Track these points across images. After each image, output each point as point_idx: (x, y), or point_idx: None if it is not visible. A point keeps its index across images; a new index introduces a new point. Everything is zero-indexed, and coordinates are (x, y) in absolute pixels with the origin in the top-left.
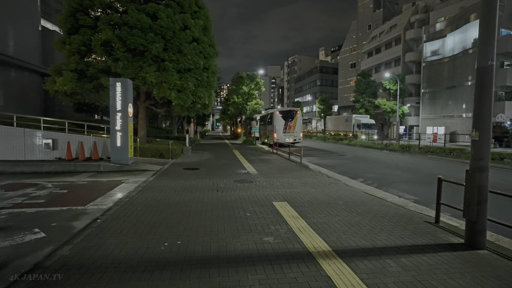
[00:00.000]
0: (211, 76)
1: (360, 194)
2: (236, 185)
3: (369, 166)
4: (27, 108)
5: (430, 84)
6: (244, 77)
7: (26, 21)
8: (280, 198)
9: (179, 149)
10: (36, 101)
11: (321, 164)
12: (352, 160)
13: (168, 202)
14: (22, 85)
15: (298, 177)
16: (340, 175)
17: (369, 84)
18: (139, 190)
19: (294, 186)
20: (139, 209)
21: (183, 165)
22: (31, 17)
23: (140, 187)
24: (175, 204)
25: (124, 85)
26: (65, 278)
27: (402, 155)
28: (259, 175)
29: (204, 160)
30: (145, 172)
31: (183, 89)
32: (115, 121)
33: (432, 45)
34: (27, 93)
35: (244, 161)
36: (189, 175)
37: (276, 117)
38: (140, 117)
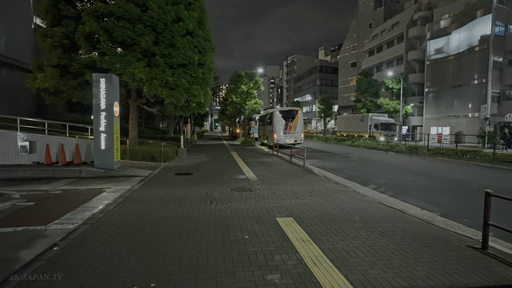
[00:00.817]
0: (207, 73)
1: (377, 206)
2: (233, 195)
3: (378, 169)
4: (19, 108)
5: (434, 83)
6: (243, 75)
7: (18, 18)
8: (285, 212)
9: (173, 151)
10: (29, 101)
11: (326, 167)
12: (358, 163)
13: (150, 219)
14: (14, 84)
15: (303, 183)
16: (348, 181)
17: (370, 83)
18: (119, 201)
19: (300, 196)
20: (112, 230)
21: (175, 169)
22: (23, 14)
23: (122, 197)
24: (158, 221)
25: (109, 81)
26: None
27: (410, 157)
28: (259, 182)
29: (200, 163)
30: (131, 178)
31: (176, 86)
32: (99, 121)
33: (436, 43)
34: (19, 92)
35: (243, 164)
36: (181, 182)
37: (276, 117)
38: (131, 117)
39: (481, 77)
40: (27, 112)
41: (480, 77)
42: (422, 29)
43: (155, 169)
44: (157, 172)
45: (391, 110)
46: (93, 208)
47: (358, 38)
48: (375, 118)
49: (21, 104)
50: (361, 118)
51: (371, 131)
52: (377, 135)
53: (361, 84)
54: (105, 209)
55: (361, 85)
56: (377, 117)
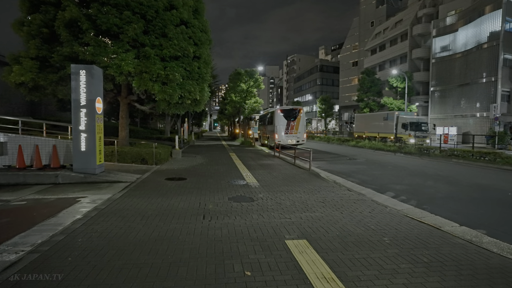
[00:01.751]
0: (204, 67)
1: (406, 221)
2: (231, 206)
3: (391, 173)
4: (11, 107)
5: (440, 82)
6: (242, 73)
7: (7, 13)
8: (296, 231)
9: (166, 152)
10: (20, 100)
11: (333, 170)
12: (366, 165)
13: (123, 244)
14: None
15: (312, 191)
16: (361, 187)
17: (373, 82)
18: (91, 216)
19: (311, 207)
20: (67, 264)
21: (167, 173)
22: (13, 9)
23: (97, 210)
24: (133, 246)
25: (90, 73)
26: None
27: (421, 159)
28: (262, 188)
29: (195, 166)
30: (115, 184)
31: (168, 81)
32: (79, 120)
33: (442, 40)
34: (9, 90)
35: (242, 167)
36: (171, 189)
37: (278, 116)
38: (121, 115)
39: (490, 75)
40: (18, 111)
41: (489, 75)
42: (427, 26)
43: (144, 173)
44: (146, 177)
45: (395, 109)
46: (56, 227)
47: (359, 36)
48: (403, 116)
49: (12, 103)
50: (385, 117)
51: (397, 132)
52: (406, 136)
53: (363, 83)
54: (69, 227)
55: (364, 84)
56: (405, 115)
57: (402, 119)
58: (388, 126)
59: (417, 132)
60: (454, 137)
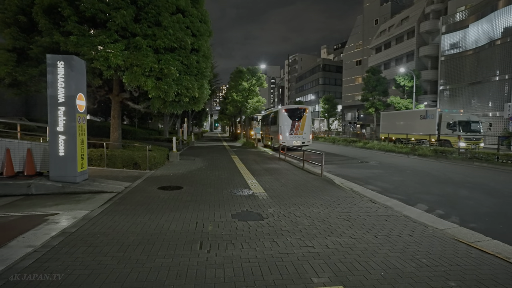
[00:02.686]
0: (203, 61)
1: (463, 250)
2: (236, 228)
3: (413, 179)
4: (6, 106)
5: (449, 80)
6: (244, 71)
7: None
8: (325, 270)
9: (162, 155)
10: (16, 100)
11: (347, 176)
12: (382, 169)
13: None
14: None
15: (330, 203)
16: (385, 197)
17: (379, 81)
18: (51, 247)
19: (335, 228)
20: None
21: (161, 180)
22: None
23: (63, 235)
24: None
25: (69, 65)
26: None
27: (439, 162)
28: (271, 200)
29: (194, 171)
30: (97, 196)
31: (163, 76)
32: (56, 119)
33: (451, 37)
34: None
35: (246, 172)
36: (163, 203)
37: (282, 116)
38: (113, 115)
39: (503, 72)
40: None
41: (503, 73)
42: (435, 23)
43: (135, 180)
44: (136, 185)
45: (403, 109)
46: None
47: (363, 35)
48: (449, 114)
49: (7, 102)
50: (423, 115)
51: (440, 133)
52: (453, 138)
53: (369, 82)
54: (14, 266)
55: (369, 83)
56: (450, 113)
57: (447, 117)
58: (428, 126)
59: (469, 133)
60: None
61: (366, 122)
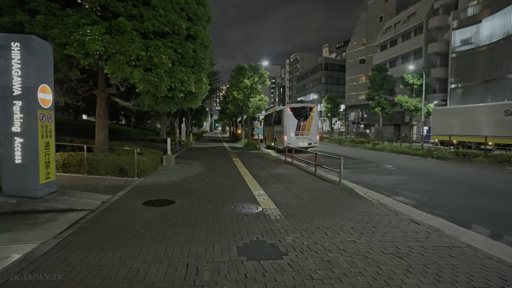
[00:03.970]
0: (200, 51)
1: None
2: (245, 275)
3: (447, 189)
4: None
5: (460, 78)
6: (246, 68)
7: None
8: None
9: (155, 160)
10: None
11: (366, 183)
12: (404, 175)
13: None
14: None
15: (364, 226)
16: (427, 214)
17: (386, 79)
18: None
19: (390, 275)
20: None
21: (150, 191)
22: None
23: None
24: None
25: (27, 47)
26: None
27: (463, 166)
28: (287, 222)
29: (190, 178)
30: (62, 216)
31: (152, 66)
32: (11, 117)
33: (463, 33)
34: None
35: (251, 180)
36: (145, 228)
37: (287, 115)
38: (98, 113)
39: None
40: None
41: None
42: (445, 18)
43: (118, 190)
44: (117, 199)
45: (412, 108)
46: None
47: (367, 33)
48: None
49: None
50: (509, 111)
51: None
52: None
53: (375, 80)
54: None
55: (375, 81)
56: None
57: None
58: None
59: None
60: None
61: (370, 122)
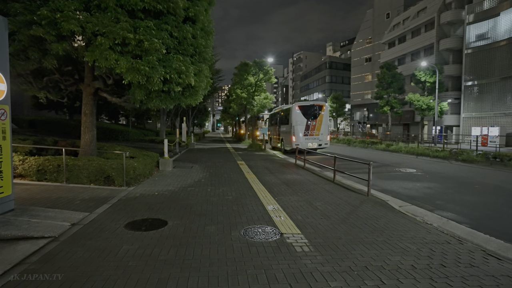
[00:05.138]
0: (201, 37)
1: None
2: None
3: (501, 201)
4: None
5: (476, 75)
6: (251, 65)
7: None
8: None
9: (149, 164)
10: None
11: (396, 192)
12: (436, 182)
13: None
14: None
15: (425, 262)
16: (499, 241)
17: (395, 77)
18: None
19: None
20: None
21: (138, 206)
22: None
23: None
24: None
25: None
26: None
27: (498, 171)
28: (320, 257)
29: (189, 187)
30: (9, 248)
31: (142, 52)
32: None
33: (478, 27)
34: None
35: (261, 189)
36: (119, 272)
37: (295, 114)
38: (85, 110)
39: None
40: None
41: None
42: (458, 12)
43: (99, 206)
44: (92, 220)
45: (424, 107)
46: None
47: (373, 30)
48: None
49: None
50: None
51: None
52: None
53: (384, 78)
54: None
55: (384, 79)
56: None
57: None
58: None
59: None
60: (496, 138)
61: (378, 121)
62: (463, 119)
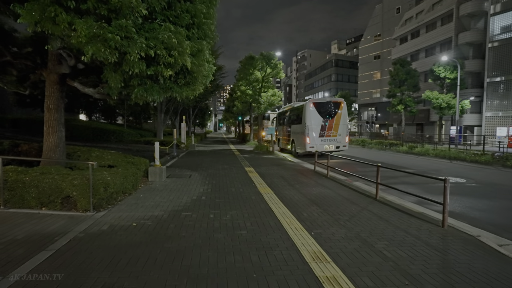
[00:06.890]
0: (201, 8)
1: None
2: None
3: None
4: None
5: (500, 71)
6: (257, 58)
7: None
8: None
9: (131, 176)
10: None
11: (465, 215)
12: (508, 199)
13: None
14: None
15: None
16: None
17: (409, 73)
18: None
19: None
20: None
21: (98, 253)
22: None
23: None
24: None
25: None
26: None
27: None
28: None
29: (182, 210)
30: None
31: (111, 12)
32: None
33: (503, 18)
34: None
35: (286, 214)
36: None
37: (309, 112)
38: (48, 104)
39: None
40: None
41: None
42: (480, 3)
43: (31, 255)
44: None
45: (443, 105)
46: None
47: (382, 25)
48: None
49: None
50: None
51: None
52: None
53: (397, 75)
54: None
55: (397, 76)
56: None
57: None
58: None
59: None
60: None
61: (388, 121)
62: (486, 118)
